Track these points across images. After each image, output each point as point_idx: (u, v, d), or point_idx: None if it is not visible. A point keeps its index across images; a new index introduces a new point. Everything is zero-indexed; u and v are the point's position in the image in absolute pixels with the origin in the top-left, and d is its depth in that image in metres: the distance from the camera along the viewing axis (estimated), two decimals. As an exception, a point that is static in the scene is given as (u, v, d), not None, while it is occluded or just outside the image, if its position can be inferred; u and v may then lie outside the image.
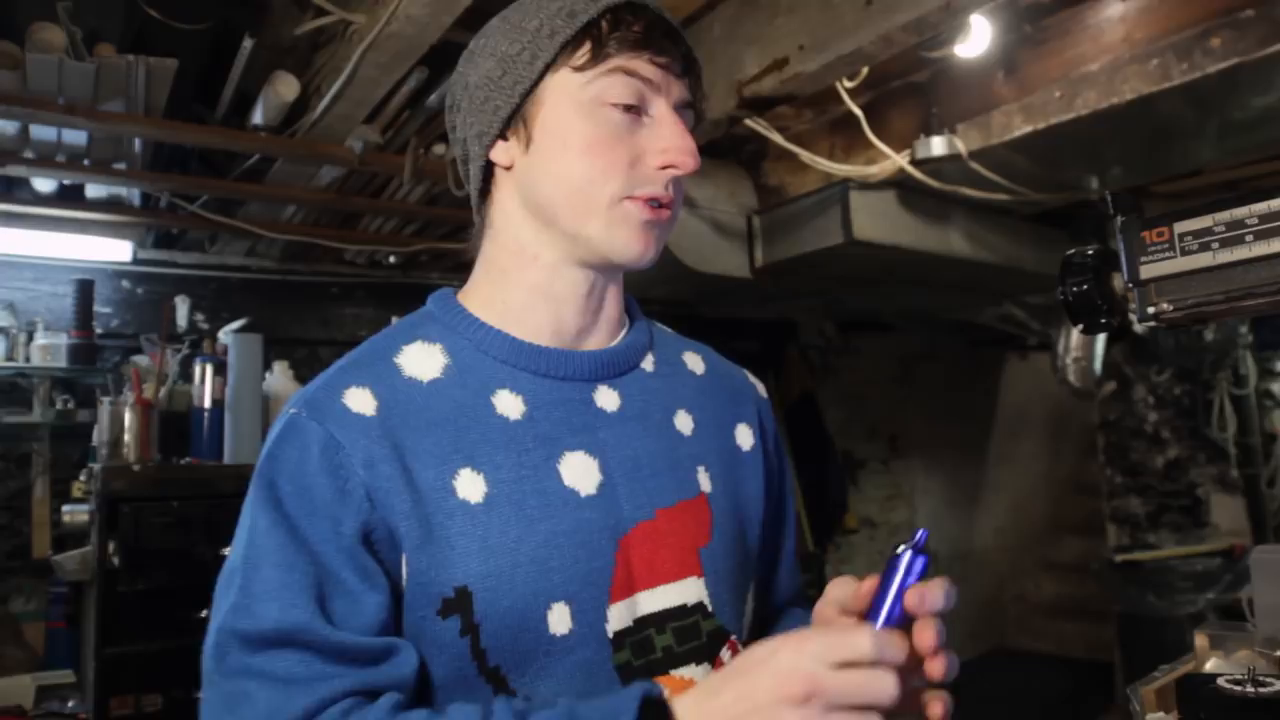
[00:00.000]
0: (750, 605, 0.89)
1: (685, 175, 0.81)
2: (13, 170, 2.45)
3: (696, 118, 0.85)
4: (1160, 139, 2.73)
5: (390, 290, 3.74)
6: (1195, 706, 0.89)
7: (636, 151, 0.79)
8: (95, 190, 2.77)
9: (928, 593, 0.61)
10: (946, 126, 2.68)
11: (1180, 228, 0.71)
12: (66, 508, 2.77)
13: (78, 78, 2.01)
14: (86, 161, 2.51)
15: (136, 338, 3.12)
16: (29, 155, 2.43)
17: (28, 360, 2.86)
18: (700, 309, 4.48)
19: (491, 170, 0.85)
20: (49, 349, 2.85)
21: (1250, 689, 0.84)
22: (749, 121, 2.57)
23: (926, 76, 2.78)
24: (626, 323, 0.91)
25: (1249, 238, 0.67)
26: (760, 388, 1.01)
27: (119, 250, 3.07)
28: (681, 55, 0.81)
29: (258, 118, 2.35)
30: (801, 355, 5.05)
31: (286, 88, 2.23)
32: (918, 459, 5.90)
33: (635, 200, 0.79)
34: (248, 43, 2.08)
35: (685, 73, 0.82)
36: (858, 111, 2.64)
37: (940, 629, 0.61)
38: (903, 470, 5.81)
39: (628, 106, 0.79)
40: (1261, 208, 0.67)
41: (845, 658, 0.58)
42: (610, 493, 0.80)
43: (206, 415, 2.75)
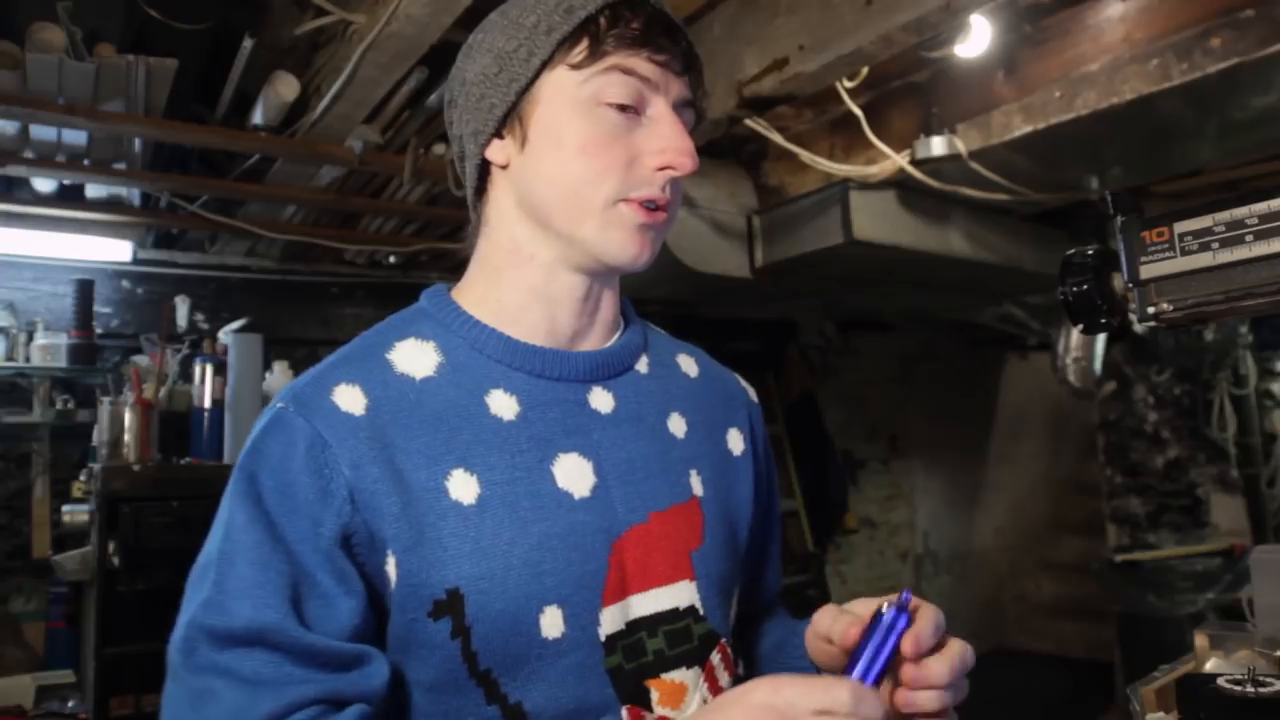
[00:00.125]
0: (734, 609, 0.89)
1: (683, 176, 0.79)
2: (13, 170, 2.45)
3: (698, 116, 0.83)
4: (1160, 139, 2.73)
5: (390, 290, 3.75)
6: (1195, 706, 0.88)
7: (633, 152, 0.78)
8: (95, 190, 2.77)
9: (920, 637, 0.66)
10: (946, 126, 2.68)
11: (1180, 228, 0.71)
12: (66, 508, 2.77)
13: (78, 78, 2.01)
14: (86, 161, 2.51)
15: (136, 338, 3.13)
16: (29, 155, 2.44)
17: (28, 360, 2.86)
18: (700, 309, 4.48)
19: (487, 169, 0.83)
20: (49, 349, 2.85)
21: (1250, 689, 0.84)
22: (749, 121, 2.57)
23: (926, 76, 2.78)
24: (621, 324, 0.90)
25: (1249, 238, 0.67)
26: (751, 392, 1.01)
27: (119, 250, 3.07)
28: (682, 52, 0.79)
29: (258, 118, 2.35)
30: (801, 355, 5.05)
31: (286, 88, 2.23)
32: (918, 459, 5.90)
33: (630, 203, 0.78)
34: (248, 43, 2.08)
35: (686, 70, 0.80)
36: (858, 111, 2.64)
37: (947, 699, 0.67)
38: (903, 470, 5.81)
39: (625, 106, 0.77)
40: (1261, 208, 0.67)
41: (823, 707, 0.60)
42: (604, 495, 0.79)
43: (206, 415, 2.75)
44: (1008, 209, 3.35)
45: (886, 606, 0.67)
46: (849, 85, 2.54)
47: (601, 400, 0.83)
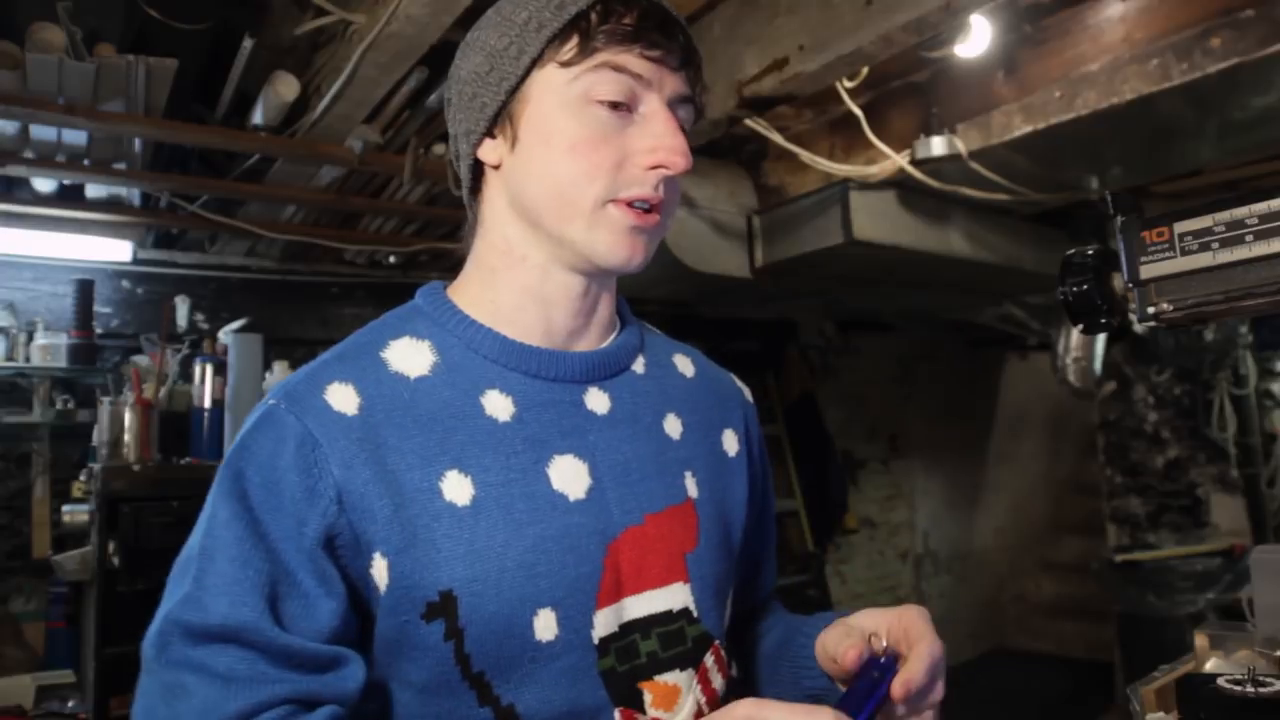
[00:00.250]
0: (729, 610, 0.89)
1: (676, 175, 0.77)
2: (13, 170, 2.45)
3: (697, 112, 0.82)
4: (1160, 139, 2.74)
5: (390, 290, 3.74)
6: (1195, 706, 0.88)
7: (624, 151, 0.76)
8: (95, 190, 2.77)
9: (910, 683, 0.68)
10: (946, 126, 2.68)
11: (1180, 228, 0.71)
12: (66, 508, 2.77)
13: (78, 78, 2.01)
14: (86, 161, 2.51)
15: (136, 338, 3.13)
16: (29, 155, 2.43)
17: (28, 360, 2.86)
18: (700, 309, 4.48)
19: (481, 169, 0.82)
20: (49, 349, 2.85)
21: (1250, 689, 0.84)
22: (749, 121, 2.56)
23: (926, 76, 2.78)
24: (618, 324, 0.89)
25: (1249, 238, 0.67)
26: (747, 392, 1.00)
27: (119, 250, 3.07)
28: (679, 47, 0.77)
29: (258, 118, 2.35)
30: (801, 355, 5.05)
31: (286, 88, 2.23)
32: (918, 459, 5.90)
33: (619, 204, 0.76)
34: (248, 43, 2.08)
35: (683, 65, 0.78)
36: (858, 111, 2.64)
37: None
38: (903, 470, 5.81)
39: (616, 104, 0.75)
40: (1261, 208, 0.67)
41: None
42: (599, 497, 0.78)
43: (206, 415, 2.75)
44: (1008, 209, 3.35)
45: (884, 658, 0.70)
46: (849, 85, 2.54)
47: (597, 401, 0.83)
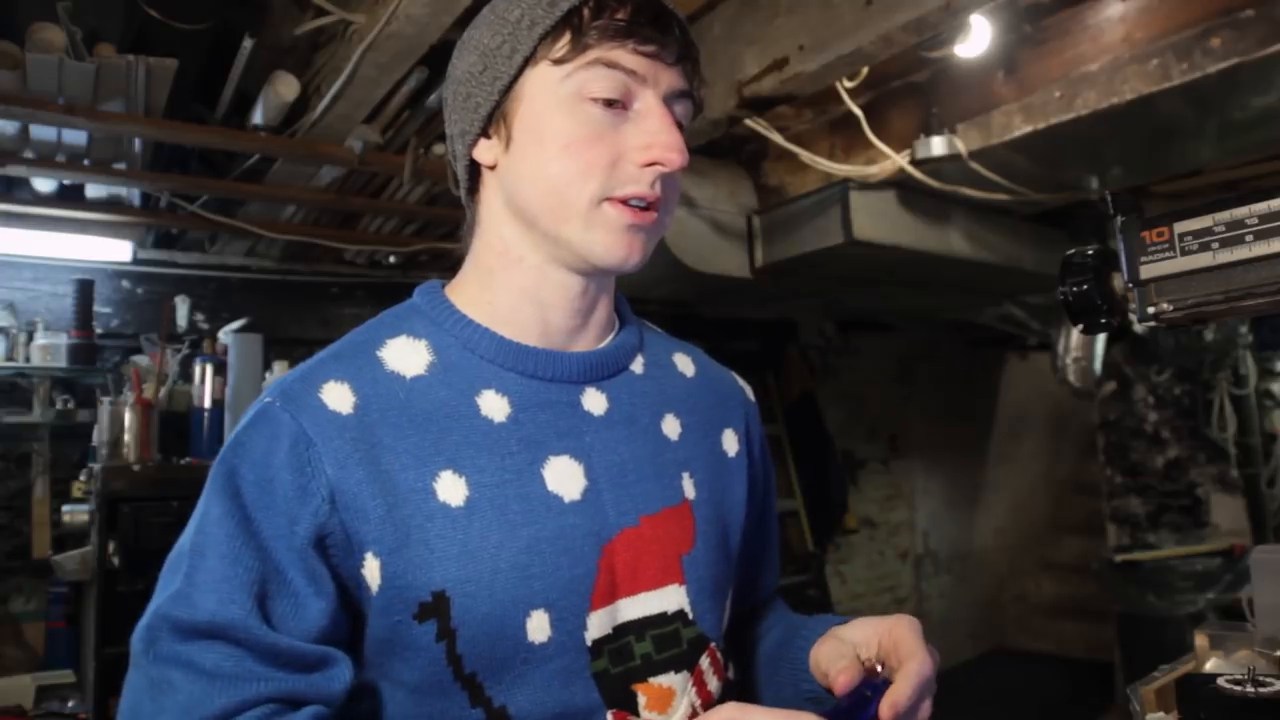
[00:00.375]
0: (728, 611, 0.88)
1: (672, 172, 0.76)
2: (13, 170, 2.45)
3: (696, 107, 0.80)
4: (1160, 139, 2.73)
5: (390, 290, 3.74)
6: (1195, 706, 0.88)
7: (619, 149, 0.75)
8: (95, 190, 2.77)
9: (897, 703, 0.67)
10: (946, 126, 2.68)
11: (1180, 228, 0.71)
12: (66, 508, 2.77)
13: (78, 78, 2.01)
14: (86, 161, 2.51)
15: (136, 338, 3.13)
16: (29, 155, 2.43)
17: (28, 360, 2.86)
18: (700, 309, 4.48)
19: (478, 169, 0.82)
20: (49, 349, 2.85)
21: (1250, 689, 0.84)
22: (749, 121, 2.56)
23: (926, 76, 2.78)
24: (617, 324, 0.88)
25: (1249, 238, 0.67)
26: (748, 391, 0.99)
27: (119, 250, 3.07)
28: (675, 42, 0.76)
29: (258, 118, 2.35)
30: (801, 355, 5.05)
31: (286, 88, 2.23)
32: (918, 459, 5.90)
33: (615, 202, 0.75)
34: (248, 43, 2.08)
35: (679, 60, 0.77)
36: (858, 111, 2.64)
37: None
38: (903, 470, 5.81)
39: (610, 101, 0.74)
40: (1261, 208, 0.67)
41: None
42: (595, 498, 0.78)
43: (206, 415, 2.75)
44: (1008, 209, 3.35)
45: (871, 692, 0.69)
46: (849, 85, 2.54)
47: (595, 402, 0.82)
